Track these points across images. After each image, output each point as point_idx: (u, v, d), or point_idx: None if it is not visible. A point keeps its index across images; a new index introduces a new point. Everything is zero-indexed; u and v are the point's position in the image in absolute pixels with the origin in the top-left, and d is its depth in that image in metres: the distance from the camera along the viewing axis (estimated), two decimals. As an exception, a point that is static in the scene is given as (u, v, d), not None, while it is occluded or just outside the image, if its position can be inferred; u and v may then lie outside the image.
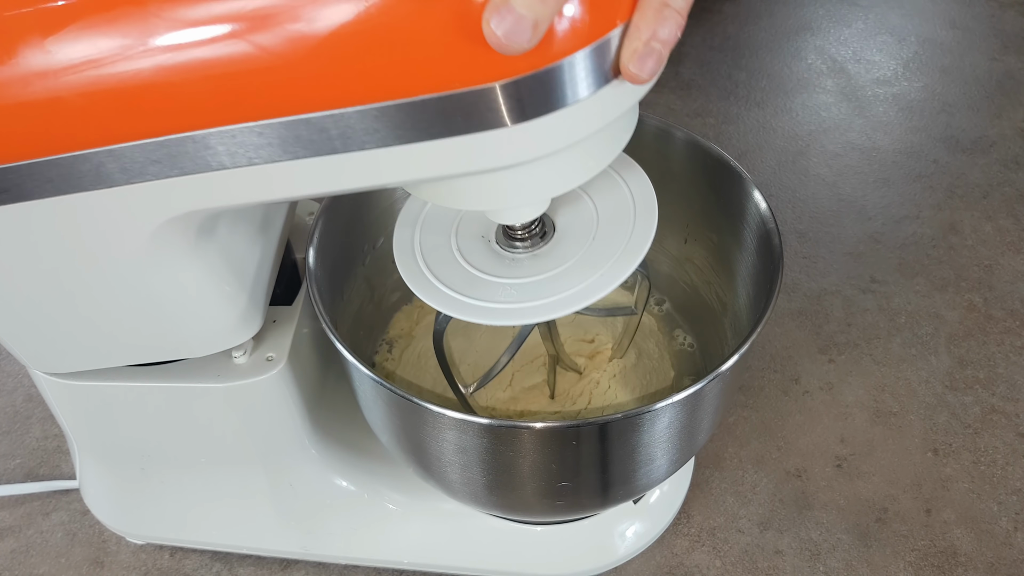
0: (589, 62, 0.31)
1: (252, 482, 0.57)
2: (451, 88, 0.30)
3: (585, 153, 0.37)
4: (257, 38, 0.31)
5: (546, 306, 0.41)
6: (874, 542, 0.63)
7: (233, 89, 0.32)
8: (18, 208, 0.37)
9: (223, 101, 0.32)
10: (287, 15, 0.30)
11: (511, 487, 0.48)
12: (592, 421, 0.43)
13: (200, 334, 0.46)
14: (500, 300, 0.42)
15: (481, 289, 0.43)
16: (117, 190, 0.36)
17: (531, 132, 0.32)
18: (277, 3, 0.30)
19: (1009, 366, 0.74)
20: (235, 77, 0.31)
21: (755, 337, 0.44)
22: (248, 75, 0.31)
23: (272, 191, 0.36)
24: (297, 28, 0.30)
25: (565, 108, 0.31)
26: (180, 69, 0.32)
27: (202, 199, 0.36)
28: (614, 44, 0.31)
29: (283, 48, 0.31)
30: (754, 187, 0.51)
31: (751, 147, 0.96)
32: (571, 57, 0.30)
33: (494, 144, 0.32)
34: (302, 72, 0.31)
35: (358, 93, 0.31)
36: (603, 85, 0.32)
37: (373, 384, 0.44)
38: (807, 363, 0.75)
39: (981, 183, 0.91)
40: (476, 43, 0.29)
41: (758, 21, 1.15)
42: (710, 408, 0.47)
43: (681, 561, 0.62)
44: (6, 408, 0.74)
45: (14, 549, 0.65)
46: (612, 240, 0.43)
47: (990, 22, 1.14)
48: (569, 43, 0.30)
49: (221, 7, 0.31)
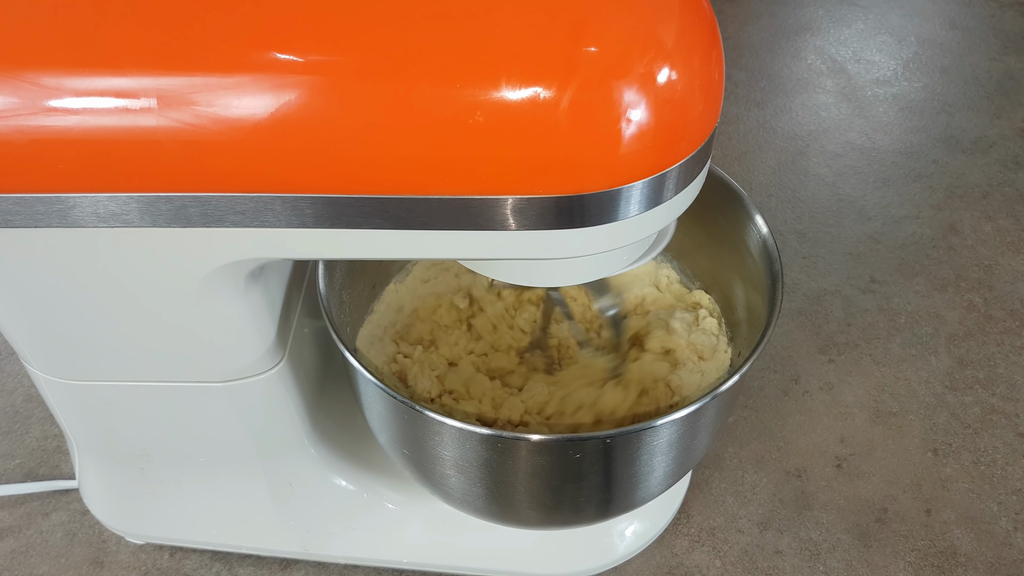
0: (644, 190, 0.34)
1: (251, 482, 0.57)
2: (528, 194, 0.34)
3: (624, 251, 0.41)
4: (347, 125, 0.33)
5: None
6: (874, 542, 0.63)
7: (332, 167, 0.34)
8: (85, 233, 0.38)
9: (327, 171, 0.34)
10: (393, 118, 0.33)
11: (506, 493, 0.49)
12: (595, 436, 0.43)
13: (228, 363, 0.47)
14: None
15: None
16: (193, 231, 0.37)
17: (582, 236, 0.36)
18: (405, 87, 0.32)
19: (1009, 366, 0.74)
20: (331, 148, 0.34)
21: (753, 359, 0.44)
22: (347, 157, 0.34)
23: (338, 250, 0.38)
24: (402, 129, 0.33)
25: (615, 223, 0.35)
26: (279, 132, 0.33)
27: (268, 250, 0.38)
28: (670, 178, 0.35)
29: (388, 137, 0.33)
30: (756, 211, 0.51)
31: (751, 147, 0.96)
32: (629, 186, 0.34)
33: (550, 241, 0.36)
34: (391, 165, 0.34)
35: (444, 185, 0.34)
36: (653, 207, 0.35)
37: (375, 388, 0.44)
38: (807, 363, 0.75)
39: (981, 183, 0.91)
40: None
41: (758, 21, 1.15)
42: (709, 422, 0.47)
43: (681, 561, 0.62)
44: (6, 408, 0.74)
45: (14, 549, 0.65)
46: None
47: (990, 22, 1.14)
48: (630, 173, 0.34)
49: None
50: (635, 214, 0.35)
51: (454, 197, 0.34)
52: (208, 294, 0.41)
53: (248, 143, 0.33)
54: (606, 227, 0.35)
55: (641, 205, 0.35)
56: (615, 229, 0.35)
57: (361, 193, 0.35)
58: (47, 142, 0.34)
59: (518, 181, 0.33)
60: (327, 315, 0.47)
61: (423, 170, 0.34)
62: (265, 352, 0.47)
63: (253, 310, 0.45)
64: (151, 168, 0.35)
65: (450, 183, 0.34)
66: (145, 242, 0.38)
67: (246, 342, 0.46)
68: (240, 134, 0.33)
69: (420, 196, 0.34)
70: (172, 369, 0.47)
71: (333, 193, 0.35)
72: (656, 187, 0.34)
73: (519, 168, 0.33)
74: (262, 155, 0.34)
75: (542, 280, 0.42)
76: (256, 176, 0.35)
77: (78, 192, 0.36)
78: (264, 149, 0.34)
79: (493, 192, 0.34)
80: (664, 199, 0.35)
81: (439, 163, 0.33)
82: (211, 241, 0.38)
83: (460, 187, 0.34)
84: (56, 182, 0.35)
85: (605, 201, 0.34)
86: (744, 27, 1.14)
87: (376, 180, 0.34)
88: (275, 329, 0.47)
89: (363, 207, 0.35)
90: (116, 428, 0.54)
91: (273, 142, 0.33)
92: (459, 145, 0.33)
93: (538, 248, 0.36)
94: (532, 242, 0.36)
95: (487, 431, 0.42)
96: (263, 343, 0.47)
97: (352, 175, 0.34)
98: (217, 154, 0.34)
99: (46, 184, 0.35)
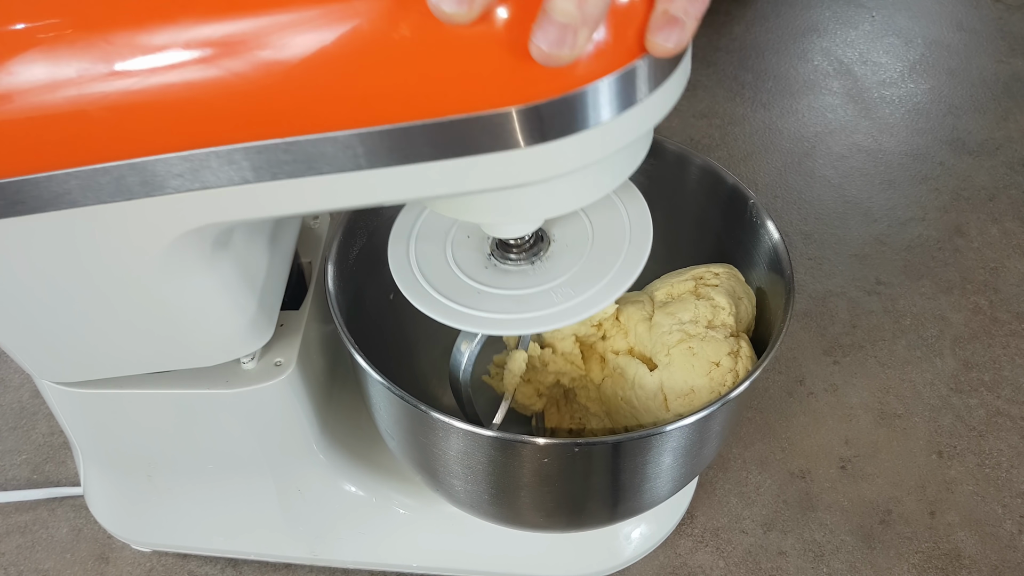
0: (612, 88, 0.31)
1: (260, 488, 0.57)
2: (471, 112, 0.31)
3: (597, 172, 0.37)
4: (281, 56, 0.31)
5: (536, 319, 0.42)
6: (878, 544, 0.63)
7: (260, 106, 0.32)
8: (33, 220, 0.37)
9: (249, 118, 0.32)
10: (308, 36, 0.30)
11: (514, 498, 0.49)
12: (601, 440, 0.43)
13: (211, 343, 0.46)
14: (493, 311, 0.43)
15: (476, 299, 0.43)
16: (137, 203, 0.35)
17: (548, 153, 0.32)
18: (299, 20, 0.30)
19: (1014, 369, 0.74)
20: (261, 95, 0.31)
21: (763, 367, 0.44)
22: (275, 93, 0.31)
23: (291, 206, 0.36)
24: (320, 48, 0.30)
25: (584, 131, 0.32)
26: (207, 84, 0.32)
27: (221, 213, 0.36)
28: (640, 72, 0.31)
29: (305, 67, 0.31)
30: (768, 218, 0.50)
31: (757, 148, 0.96)
32: (594, 84, 0.30)
33: (510, 164, 0.32)
34: (326, 92, 0.31)
35: (381, 113, 0.31)
36: (625, 110, 0.32)
37: (384, 391, 0.44)
38: (812, 364, 0.75)
39: (987, 185, 0.91)
40: (500, 66, 0.29)
41: (764, 22, 1.15)
42: (717, 429, 0.47)
43: (684, 562, 0.62)
44: (12, 404, 0.74)
45: (20, 545, 0.65)
46: (607, 258, 0.44)
47: (997, 24, 1.13)
48: (594, 69, 0.30)
49: (249, 24, 0.31)
50: (606, 119, 0.32)
51: (399, 126, 0.31)
52: (174, 269, 0.40)
53: (173, 97, 0.32)
54: (577, 137, 0.32)
55: (611, 109, 0.32)
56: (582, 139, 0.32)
57: (294, 135, 0.32)
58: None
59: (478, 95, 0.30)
60: (337, 316, 0.47)
61: (354, 100, 0.31)
62: (250, 327, 0.46)
63: (225, 280, 0.43)
64: (80, 137, 0.33)
65: (389, 110, 0.31)
66: (96, 222, 0.37)
67: (223, 314, 0.44)
68: (164, 90, 0.31)
69: (364, 130, 0.32)
70: (161, 357, 0.46)
71: (265, 139, 0.32)
72: (625, 83, 0.31)
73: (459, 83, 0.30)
74: (189, 108, 0.32)
75: (526, 214, 0.39)
76: (186, 132, 0.33)
77: (14, 176, 0.34)
78: (192, 101, 0.32)
79: (452, 112, 0.31)
80: (638, 98, 0.32)
81: (371, 91, 0.31)
82: (160, 211, 0.36)
83: (403, 113, 0.31)
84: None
85: (568, 106, 0.31)
86: (750, 28, 1.14)
87: (302, 119, 0.32)
88: (255, 299, 0.46)
89: (298, 151, 0.33)
90: (124, 437, 0.54)
91: (199, 92, 0.31)
92: (389, 66, 0.30)
93: (507, 172, 0.33)
94: (498, 167, 0.32)
95: (494, 433, 0.42)
96: (243, 316, 0.45)
97: (282, 115, 0.32)
98: (144, 113, 0.32)
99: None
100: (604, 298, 0.42)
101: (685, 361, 0.47)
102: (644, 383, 0.48)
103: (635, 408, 0.49)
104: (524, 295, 0.43)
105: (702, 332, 0.48)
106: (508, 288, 0.44)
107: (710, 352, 0.47)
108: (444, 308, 0.43)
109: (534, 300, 0.43)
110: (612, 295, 0.42)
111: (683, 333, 0.48)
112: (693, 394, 0.47)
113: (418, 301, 0.44)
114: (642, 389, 0.48)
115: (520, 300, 0.43)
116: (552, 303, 0.42)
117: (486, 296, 0.43)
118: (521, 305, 0.43)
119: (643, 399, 0.48)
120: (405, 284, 0.45)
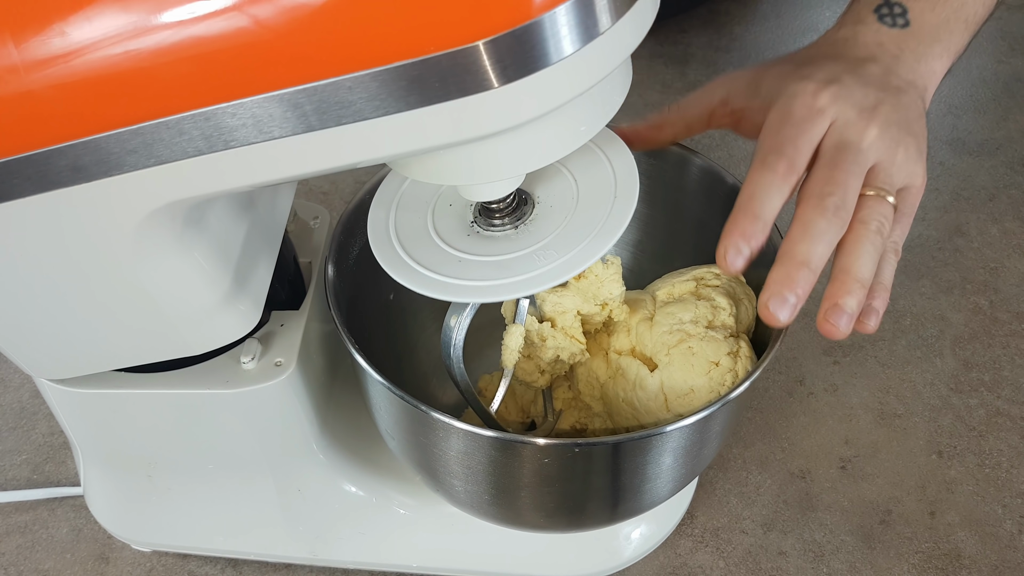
0: (571, 17, 0.30)
1: (260, 488, 0.57)
2: (433, 51, 0.30)
3: (570, 120, 0.36)
4: (227, 14, 0.30)
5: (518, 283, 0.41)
6: (878, 544, 0.63)
7: (203, 70, 0.31)
8: (10, 207, 0.36)
9: (193, 83, 0.32)
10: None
11: (514, 498, 0.49)
12: (601, 441, 0.43)
13: (193, 327, 0.45)
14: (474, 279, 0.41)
15: (456, 268, 0.42)
16: (96, 184, 0.35)
17: (517, 93, 0.31)
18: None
19: (1014, 369, 0.74)
20: (204, 57, 0.31)
21: (763, 368, 0.44)
22: (217, 53, 0.31)
23: (251, 175, 0.35)
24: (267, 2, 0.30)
25: (550, 67, 0.31)
26: (148, 53, 0.31)
27: (183, 188, 0.35)
28: (598, 1, 0.31)
29: (252, 23, 0.30)
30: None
31: (757, 148, 0.96)
32: (552, 12, 0.30)
33: (480, 108, 0.31)
34: (274, 46, 0.30)
35: (334, 63, 0.30)
36: (588, 42, 0.31)
37: (384, 391, 0.44)
38: (812, 364, 0.75)
39: (987, 185, 0.91)
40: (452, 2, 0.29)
41: (764, 23, 1.15)
42: (717, 429, 0.47)
43: (684, 562, 0.62)
44: (12, 404, 0.74)
45: (20, 544, 0.65)
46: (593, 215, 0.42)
47: (997, 24, 1.13)
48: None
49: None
50: (569, 53, 0.31)
51: (367, 72, 0.30)
52: (146, 250, 0.39)
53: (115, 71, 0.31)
54: (541, 75, 0.31)
55: (573, 40, 0.31)
56: (550, 76, 0.31)
57: (237, 98, 0.31)
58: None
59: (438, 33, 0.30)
60: (337, 316, 0.47)
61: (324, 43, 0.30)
62: (230, 310, 0.45)
63: (199, 262, 0.42)
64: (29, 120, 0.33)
65: (355, 54, 0.30)
66: (62, 205, 0.36)
67: (202, 294, 0.43)
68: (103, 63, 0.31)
69: (315, 83, 0.30)
70: (147, 347, 0.45)
71: (206, 106, 0.32)
72: (583, 11, 0.30)
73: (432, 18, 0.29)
74: (134, 80, 0.31)
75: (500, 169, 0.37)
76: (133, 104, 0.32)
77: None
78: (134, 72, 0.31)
79: (413, 54, 0.30)
80: (601, 29, 0.31)
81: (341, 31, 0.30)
82: (122, 191, 0.35)
83: (367, 56, 0.30)
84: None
85: (529, 37, 0.30)
86: (750, 29, 1.14)
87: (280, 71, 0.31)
88: (230, 278, 0.44)
89: (246, 114, 0.32)
90: (124, 437, 0.54)
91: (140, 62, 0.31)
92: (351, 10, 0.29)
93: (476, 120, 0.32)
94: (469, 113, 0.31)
95: (495, 434, 0.42)
96: (218, 293, 0.44)
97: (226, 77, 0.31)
98: (91, 89, 0.32)
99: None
100: (588, 257, 0.40)
101: (685, 361, 0.47)
102: (646, 384, 0.48)
103: (636, 410, 0.49)
104: (506, 260, 0.42)
105: (702, 332, 0.48)
106: (490, 255, 0.42)
107: (709, 352, 0.47)
108: (422, 278, 0.42)
109: (516, 264, 0.41)
110: (596, 253, 0.40)
111: (683, 333, 0.48)
112: (692, 394, 0.47)
113: (396, 272, 0.43)
114: (644, 391, 0.48)
115: (502, 265, 0.42)
116: (535, 266, 0.41)
117: (467, 264, 0.42)
118: (503, 271, 0.41)
119: (644, 400, 0.48)
120: (384, 256, 0.44)
